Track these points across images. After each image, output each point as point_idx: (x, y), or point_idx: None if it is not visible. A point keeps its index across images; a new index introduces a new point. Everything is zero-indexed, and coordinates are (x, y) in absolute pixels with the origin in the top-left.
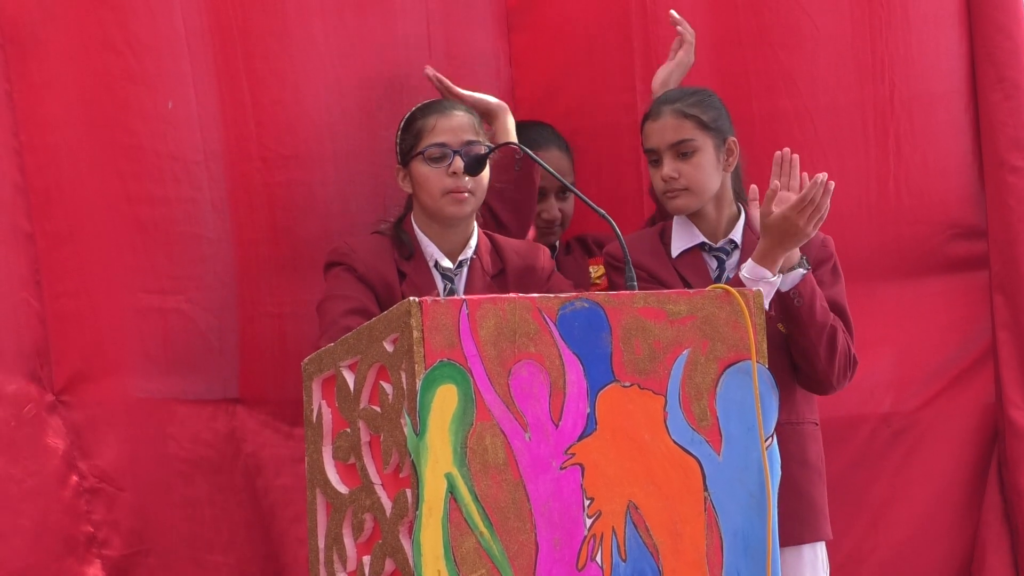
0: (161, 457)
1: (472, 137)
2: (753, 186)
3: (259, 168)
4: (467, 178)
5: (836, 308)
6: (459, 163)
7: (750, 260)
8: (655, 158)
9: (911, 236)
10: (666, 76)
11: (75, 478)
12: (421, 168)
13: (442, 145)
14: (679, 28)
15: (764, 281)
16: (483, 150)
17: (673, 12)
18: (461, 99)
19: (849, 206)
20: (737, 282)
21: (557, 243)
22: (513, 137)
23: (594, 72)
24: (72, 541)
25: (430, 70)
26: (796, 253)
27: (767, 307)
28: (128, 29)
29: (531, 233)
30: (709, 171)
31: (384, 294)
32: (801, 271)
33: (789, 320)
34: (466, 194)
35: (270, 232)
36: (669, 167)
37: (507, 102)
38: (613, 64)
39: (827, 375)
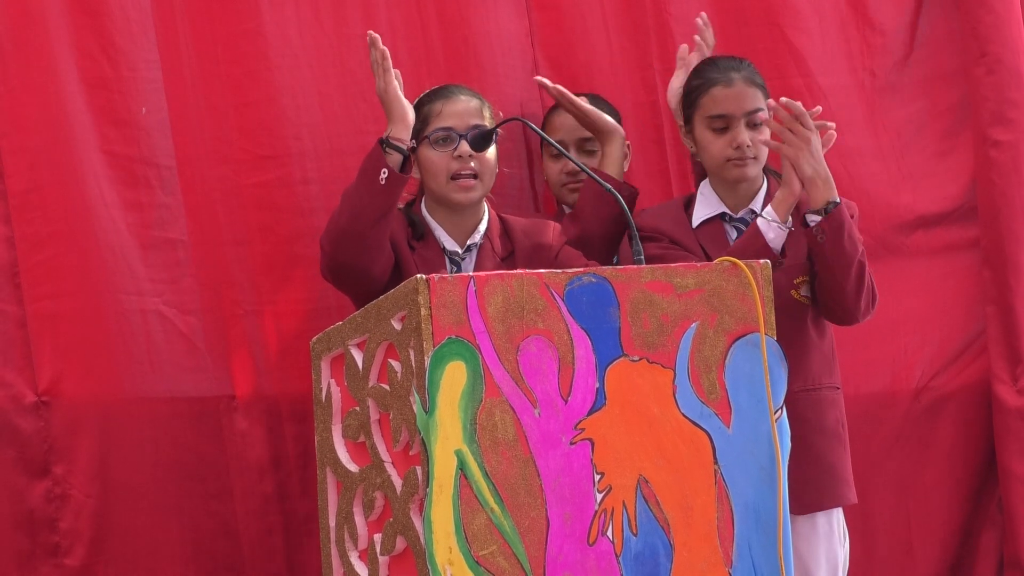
0: (136, 461)
1: (478, 121)
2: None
3: (235, 170)
4: (472, 159)
5: None
6: (465, 147)
7: (768, 207)
8: (722, 125)
9: (937, 212)
10: (680, 85)
11: (48, 484)
12: (427, 152)
13: (447, 129)
14: (697, 38)
15: (774, 225)
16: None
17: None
18: (579, 111)
19: (875, 183)
20: (753, 234)
21: None
22: (613, 168)
23: (613, 56)
24: (30, 556)
25: (541, 79)
26: (825, 195)
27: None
28: (104, 35)
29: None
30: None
31: (397, 252)
32: (831, 206)
33: (817, 258)
34: (472, 180)
35: (251, 233)
36: (745, 135)
37: (528, 82)
38: (630, 45)
39: (854, 310)
